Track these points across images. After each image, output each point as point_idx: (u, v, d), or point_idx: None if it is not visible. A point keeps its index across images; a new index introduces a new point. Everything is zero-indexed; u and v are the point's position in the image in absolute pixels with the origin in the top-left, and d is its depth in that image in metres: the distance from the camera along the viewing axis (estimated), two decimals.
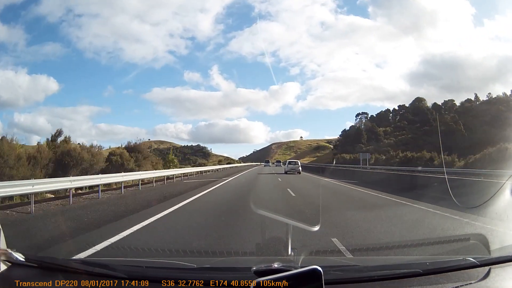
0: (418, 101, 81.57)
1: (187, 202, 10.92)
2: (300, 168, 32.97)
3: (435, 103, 78.69)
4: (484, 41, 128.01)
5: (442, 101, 78.85)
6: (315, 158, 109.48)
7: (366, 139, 76.29)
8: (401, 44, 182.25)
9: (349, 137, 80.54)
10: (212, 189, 15.90)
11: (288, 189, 15.14)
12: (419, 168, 28.00)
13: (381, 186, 16.84)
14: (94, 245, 5.19)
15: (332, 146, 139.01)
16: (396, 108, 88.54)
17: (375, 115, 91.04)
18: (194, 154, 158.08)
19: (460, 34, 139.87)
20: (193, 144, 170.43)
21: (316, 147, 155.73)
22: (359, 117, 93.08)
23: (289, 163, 34.42)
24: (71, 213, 8.98)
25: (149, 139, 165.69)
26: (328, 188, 17.32)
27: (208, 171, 36.84)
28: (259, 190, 16.03)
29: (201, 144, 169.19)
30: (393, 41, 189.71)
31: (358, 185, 17.99)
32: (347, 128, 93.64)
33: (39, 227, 7.06)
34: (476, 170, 21.96)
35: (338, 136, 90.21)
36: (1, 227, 2.08)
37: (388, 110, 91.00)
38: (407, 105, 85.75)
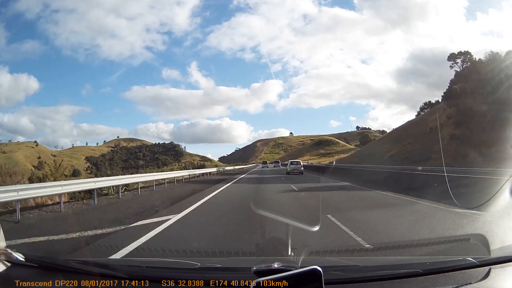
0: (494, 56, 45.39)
1: None
2: (302, 168, 34.10)
3: None
4: (477, 36, 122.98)
5: None
6: (332, 158, 76.15)
7: None
8: (389, 38, 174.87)
9: (486, 86, 36.51)
10: None
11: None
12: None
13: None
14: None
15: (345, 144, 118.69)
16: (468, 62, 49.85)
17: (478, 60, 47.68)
18: (165, 153, 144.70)
19: (451, 28, 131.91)
20: (166, 142, 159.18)
21: (318, 143, 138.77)
22: (459, 59, 48.43)
23: (291, 163, 35.52)
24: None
25: (118, 137, 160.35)
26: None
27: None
28: None
29: (175, 142, 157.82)
30: (380, 35, 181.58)
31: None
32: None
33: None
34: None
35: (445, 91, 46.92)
36: (1, 226, 2.08)
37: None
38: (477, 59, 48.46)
